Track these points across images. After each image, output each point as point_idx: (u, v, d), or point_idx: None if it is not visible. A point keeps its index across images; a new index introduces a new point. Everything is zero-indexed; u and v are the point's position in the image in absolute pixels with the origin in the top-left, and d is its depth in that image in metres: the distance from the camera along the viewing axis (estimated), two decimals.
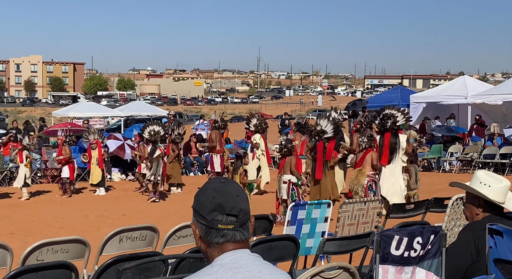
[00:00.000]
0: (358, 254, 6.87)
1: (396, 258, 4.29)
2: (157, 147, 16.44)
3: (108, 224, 12.94)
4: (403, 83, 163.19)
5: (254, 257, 2.35)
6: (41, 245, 5.71)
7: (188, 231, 6.66)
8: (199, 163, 22.31)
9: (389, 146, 12.85)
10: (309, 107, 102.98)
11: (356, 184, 12.17)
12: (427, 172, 21.42)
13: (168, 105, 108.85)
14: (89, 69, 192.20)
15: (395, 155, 12.85)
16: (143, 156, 16.58)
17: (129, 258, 4.79)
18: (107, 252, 6.29)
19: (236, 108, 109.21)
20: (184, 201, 15.77)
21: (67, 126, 24.48)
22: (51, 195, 17.55)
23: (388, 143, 12.85)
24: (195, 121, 54.60)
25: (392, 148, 12.85)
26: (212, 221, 2.32)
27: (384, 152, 12.81)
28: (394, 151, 12.85)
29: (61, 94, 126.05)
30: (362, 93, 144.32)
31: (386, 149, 12.85)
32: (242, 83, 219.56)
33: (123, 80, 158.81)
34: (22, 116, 78.59)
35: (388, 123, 12.93)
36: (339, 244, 6.14)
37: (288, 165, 12.35)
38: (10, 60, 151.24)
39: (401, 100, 28.74)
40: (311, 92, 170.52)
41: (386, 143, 12.86)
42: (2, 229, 12.79)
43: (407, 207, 8.43)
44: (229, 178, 2.50)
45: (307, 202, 7.54)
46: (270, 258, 5.42)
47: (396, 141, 12.89)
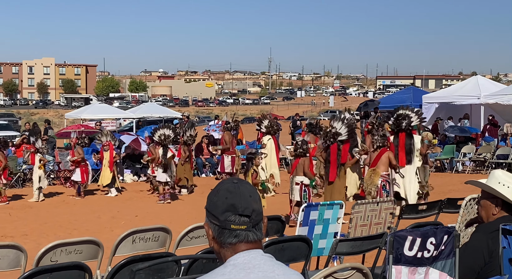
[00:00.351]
0: (371, 255, 6.86)
1: (410, 259, 4.27)
2: (168, 149, 16.47)
3: (121, 225, 12.98)
4: (415, 84, 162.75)
5: (267, 258, 2.35)
6: (55, 246, 5.74)
7: (201, 232, 6.67)
8: (210, 164, 22.34)
9: (405, 147, 12.81)
10: (321, 108, 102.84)
11: (370, 184, 12.14)
12: (440, 173, 21.33)
13: (179, 106, 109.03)
14: (101, 71, 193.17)
15: (412, 156, 12.81)
16: (155, 158, 16.60)
17: (143, 259, 4.81)
18: (120, 253, 6.31)
19: (248, 109, 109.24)
20: (196, 202, 15.79)
21: (80, 128, 24.60)
22: (64, 196, 17.64)
23: (404, 144, 12.80)
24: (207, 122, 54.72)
25: (408, 149, 12.81)
26: (225, 221, 2.33)
27: (400, 153, 12.77)
28: (410, 152, 12.82)
29: (74, 96, 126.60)
30: (374, 93, 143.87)
31: (402, 150, 12.81)
32: (253, 84, 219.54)
33: (135, 82, 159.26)
34: (35, 118, 78.98)
35: (403, 124, 12.89)
36: (352, 245, 6.13)
37: (301, 166, 12.33)
38: (23, 63, 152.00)
39: (413, 101, 28.61)
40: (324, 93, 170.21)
41: (402, 144, 12.81)
42: (16, 230, 12.86)
43: (420, 207, 8.41)
44: (242, 179, 2.50)
45: (320, 203, 7.53)
46: (283, 259, 5.42)
47: (411, 142, 12.85)
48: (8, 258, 5.79)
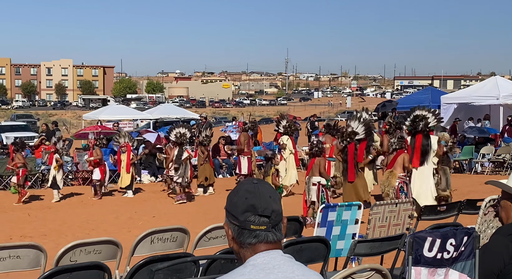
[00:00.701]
0: (390, 256, 6.83)
1: (429, 260, 4.25)
2: (184, 149, 16.50)
3: (139, 225, 13.02)
4: (434, 84, 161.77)
5: (287, 258, 2.35)
6: (75, 246, 5.77)
7: (219, 232, 6.67)
8: (228, 165, 22.36)
9: (421, 148, 12.73)
10: (338, 109, 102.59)
11: (387, 186, 12.10)
12: (459, 174, 21.19)
13: (196, 107, 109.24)
14: (119, 72, 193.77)
15: (426, 157, 12.73)
16: (170, 158, 16.63)
17: (161, 259, 4.82)
18: (139, 253, 6.33)
19: (264, 110, 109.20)
20: (213, 203, 15.82)
21: (98, 129, 24.72)
22: (82, 197, 17.73)
23: (420, 145, 12.73)
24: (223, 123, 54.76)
25: (424, 150, 12.74)
26: (244, 221, 2.33)
27: (416, 154, 12.70)
28: (426, 153, 12.74)
29: (91, 97, 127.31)
30: (392, 94, 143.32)
31: (418, 151, 12.73)
32: (270, 85, 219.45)
33: (152, 83, 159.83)
34: (53, 119, 79.41)
35: (420, 125, 12.81)
36: (370, 246, 6.11)
37: (317, 167, 12.31)
38: (41, 64, 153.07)
39: (431, 101, 28.46)
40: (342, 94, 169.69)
41: (418, 145, 12.74)
42: (35, 230, 12.95)
43: (439, 209, 8.36)
44: (261, 179, 2.50)
45: (338, 204, 7.51)
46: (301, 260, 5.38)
47: (428, 143, 12.77)
48: (28, 258, 5.83)
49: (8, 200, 16.72)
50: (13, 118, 56.27)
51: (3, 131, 33.04)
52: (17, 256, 5.73)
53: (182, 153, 16.33)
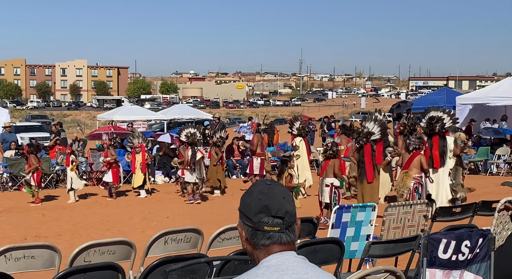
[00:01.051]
0: (404, 257, 6.80)
1: (444, 262, 4.23)
2: (197, 150, 16.49)
3: (152, 226, 13.04)
4: (449, 85, 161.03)
5: (300, 259, 2.34)
6: (89, 247, 5.79)
7: (232, 233, 6.67)
8: (241, 166, 22.36)
9: (439, 149, 12.68)
10: (352, 109, 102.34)
11: (402, 186, 12.05)
12: (474, 175, 21.08)
13: (210, 108, 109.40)
14: (133, 73, 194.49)
15: (444, 158, 12.68)
16: (184, 160, 16.61)
17: (175, 259, 4.82)
18: (153, 253, 6.34)
19: (278, 110, 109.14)
20: (227, 204, 15.83)
21: (110, 129, 24.80)
22: (96, 197, 17.80)
23: (438, 146, 12.67)
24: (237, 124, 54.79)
25: (442, 151, 12.68)
26: (258, 223, 2.32)
27: (435, 155, 12.64)
28: (444, 154, 12.68)
29: (106, 97, 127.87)
30: (407, 95, 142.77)
31: (436, 152, 12.68)
32: (284, 86, 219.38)
33: (166, 84, 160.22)
34: (67, 119, 79.91)
35: (437, 127, 12.75)
36: (385, 247, 6.08)
37: (331, 168, 12.29)
38: (56, 65, 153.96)
39: (446, 102, 28.28)
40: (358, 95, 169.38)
41: (436, 146, 12.68)
42: (49, 231, 13.01)
43: (454, 210, 8.31)
44: (275, 181, 2.50)
45: (352, 205, 7.48)
46: (315, 261, 5.37)
47: (444, 144, 12.71)
48: (42, 258, 5.85)
49: (23, 201, 16.81)
50: (28, 118, 56.65)
51: (18, 132, 33.22)
52: (31, 256, 5.76)
53: (195, 153, 16.33)
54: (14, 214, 15.28)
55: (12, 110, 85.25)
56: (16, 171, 18.95)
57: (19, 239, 11.83)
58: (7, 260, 5.63)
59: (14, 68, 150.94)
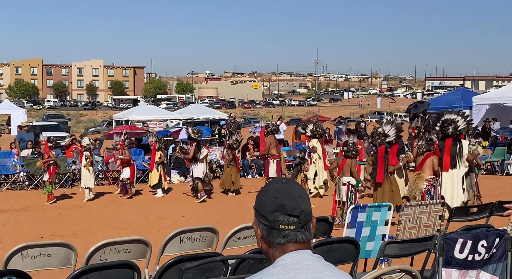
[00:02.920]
0: (420, 257, 6.76)
1: (460, 262, 4.20)
2: (202, 146, 16.62)
3: (168, 225, 13.08)
4: (465, 85, 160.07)
5: (316, 258, 2.33)
6: (104, 245, 5.82)
7: (248, 232, 6.67)
8: (257, 166, 22.37)
9: (450, 151, 12.57)
10: (368, 109, 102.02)
11: (414, 188, 11.99)
12: (491, 176, 20.95)
13: (226, 108, 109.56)
14: (149, 73, 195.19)
15: (456, 161, 12.56)
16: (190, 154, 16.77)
17: (191, 258, 4.83)
18: (168, 252, 6.36)
19: (294, 110, 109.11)
20: (243, 203, 15.84)
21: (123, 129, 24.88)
22: (112, 196, 17.88)
23: (449, 148, 12.56)
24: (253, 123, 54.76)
25: (454, 153, 12.58)
26: (273, 221, 2.32)
27: (445, 157, 12.54)
28: (455, 157, 12.57)
29: (122, 97, 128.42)
30: (423, 95, 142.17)
31: (447, 154, 12.58)
32: (300, 86, 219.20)
33: (182, 84, 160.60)
34: (83, 119, 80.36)
35: (450, 129, 12.67)
36: (400, 247, 6.06)
37: (348, 167, 12.27)
38: (73, 65, 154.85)
39: (463, 102, 28.20)
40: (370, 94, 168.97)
41: (447, 149, 12.58)
42: (66, 229, 13.08)
43: (470, 210, 8.27)
44: (290, 179, 2.49)
45: (367, 205, 7.46)
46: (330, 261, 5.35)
47: (457, 147, 12.61)
48: (59, 256, 5.89)
49: (40, 199, 16.92)
50: (45, 118, 57.05)
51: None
52: (48, 254, 5.79)
53: (200, 149, 16.51)
54: (31, 212, 15.38)
55: (29, 109, 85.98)
56: (32, 170, 19.07)
57: (36, 237, 11.92)
58: (23, 258, 5.66)
59: (31, 68, 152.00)
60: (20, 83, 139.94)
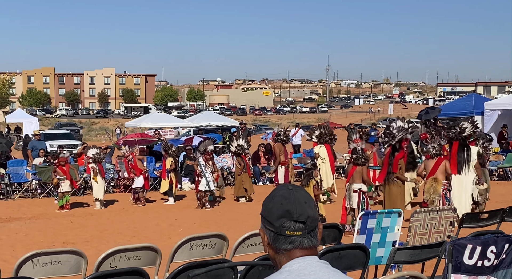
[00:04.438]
0: (430, 264, 6.74)
1: (469, 268, 4.19)
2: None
3: (179, 232, 13.09)
4: (477, 91, 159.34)
5: (323, 264, 2.33)
6: (115, 252, 5.83)
7: (257, 239, 6.67)
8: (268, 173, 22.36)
9: (456, 156, 12.56)
10: (380, 116, 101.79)
11: (433, 193, 11.93)
12: (503, 181, 20.83)
13: (237, 115, 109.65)
14: (160, 81, 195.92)
15: (463, 165, 12.53)
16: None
17: (199, 265, 4.84)
18: (178, 259, 6.37)
19: (305, 117, 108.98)
20: (253, 210, 15.82)
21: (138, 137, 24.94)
22: (123, 204, 17.91)
23: (455, 153, 12.56)
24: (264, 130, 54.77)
25: (460, 159, 12.55)
26: (280, 227, 2.32)
27: (452, 161, 12.52)
28: (461, 162, 12.54)
29: (133, 105, 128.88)
30: (435, 101, 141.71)
31: (454, 158, 12.57)
32: (311, 92, 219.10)
33: (193, 91, 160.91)
34: (95, 127, 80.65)
35: (454, 133, 12.65)
36: (411, 253, 6.04)
37: (359, 174, 12.23)
38: (85, 73, 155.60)
39: (475, 108, 28.03)
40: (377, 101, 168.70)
41: (453, 153, 12.58)
42: (77, 237, 13.13)
43: (481, 216, 8.23)
44: (296, 185, 2.50)
45: (377, 211, 7.45)
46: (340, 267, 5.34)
47: (464, 153, 12.57)
48: (69, 263, 5.91)
49: (52, 207, 17.00)
50: (57, 126, 57.25)
51: (47, 139, 33.62)
52: (58, 262, 5.82)
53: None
54: (43, 220, 15.45)
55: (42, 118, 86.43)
56: (45, 178, 19.15)
57: (48, 245, 11.96)
58: (34, 265, 5.69)
59: (44, 76, 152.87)
60: (32, 92, 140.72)
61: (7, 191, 19.17)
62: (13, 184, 19.75)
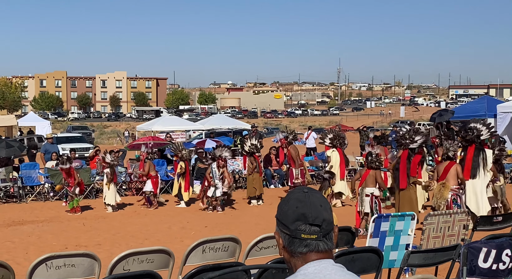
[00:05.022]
0: (444, 267, 6.71)
1: (484, 271, 4.17)
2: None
3: (191, 235, 13.09)
4: (490, 93, 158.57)
5: (338, 268, 2.32)
6: (128, 255, 5.84)
7: (270, 242, 6.67)
8: (279, 176, 22.32)
9: (472, 161, 12.44)
10: (392, 118, 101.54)
11: (440, 198, 11.83)
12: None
13: (248, 118, 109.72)
14: (171, 84, 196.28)
15: (478, 170, 12.41)
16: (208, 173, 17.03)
17: (213, 268, 4.83)
18: (191, 262, 6.37)
19: (317, 120, 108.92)
20: (265, 213, 15.81)
21: (150, 140, 24.99)
22: (135, 207, 17.95)
23: (471, 157, 12.44)
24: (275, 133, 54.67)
25: (475, 163, 12.43)
26: (295, 230, 2.32)
27: (466, 166, 12.40)
28: (477, 167, 12.42)
29: (145, 108, 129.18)
30: (447, 103, 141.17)
31: (469, 163, 12.45)
32: (322, 95, 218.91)
33: (204, 94, 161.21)
34: (107, 130, 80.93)
35: (470, 136, 12.55)
36: (424, 256, 6.01)
37: (372, 178, 12.18)
38: (96, 77, 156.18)
39: (487, 110, 27.88)
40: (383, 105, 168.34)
41: (469, 157, 12.46)
42: (90, 240, 13.16)
43: (495, 219, 8.18)
44: (312, 188, 2.49)
45: (390, 214, 7.41)
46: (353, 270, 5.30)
47: (480, 156, 12.47)
48: (82, 266, 5.92)
49: (64, 210, 17.05)
50: (69, 129, 57.50)
51: (60, 143, 33.76)
52: (72, 265, 5.83)
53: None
54: (55, 223, 15.50)
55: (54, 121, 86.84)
56: (57, 181, 19.21)
57: (60, 248, 12.00)
58: (48, 268, 5.71)
59: (56, 80, 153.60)
60: (44, 95, 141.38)
61: (19, 194, 19.27)
62: (25, 187, 19.84)
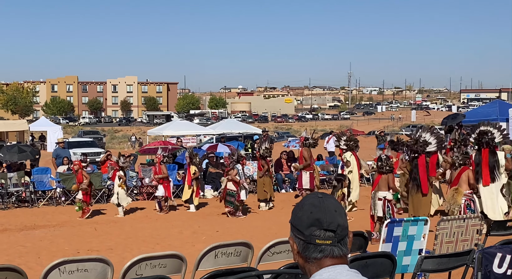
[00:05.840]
0: (458, 272, 6.67)
1: (499, 276, 4.13)
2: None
3: (202, 240, 13.10)
4: (501, 97, 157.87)
5: (353, 273, 2.31)
6: (140, 260, 5.84)
7: (282, 247, 6.64)
8: (290, 180, 22.31)
9: (488, 164, 12.38)
10: (403, 123, 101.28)
11: (453, 203, 11.79)
12: None
13: (259, 122, 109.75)
14: (182, 89, 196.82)
15: (495, 173, 12.36)
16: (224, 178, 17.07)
17: (226, 273, 4.83)
18: (203, 267, 6.36)
19: (327, 124, 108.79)
20: (276, 218, 15.79)
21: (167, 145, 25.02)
22: (147, 211, 17.97)
23: (487, 161, 12.37)
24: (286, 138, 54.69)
25: (492, 166, 12.37)
26: (310, 236, 2.31)
27: (484, 170, 12.32)
28: (494, 169, 12.37)
29: (155, 113, 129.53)
30: (458, 107, 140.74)
31: (486, 167, 12.37)
32: (333, 100, 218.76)
33: (215, 99, 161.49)
34: (118, 135, 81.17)
35: (485, 139, 12.48)
36: (438, 262, 5.98)
37: (385, 181, 12.14)
38: (107, 81, 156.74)
39: (499, 114, 27.73)
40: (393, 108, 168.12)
41: (485, 161, 12.38)
42: (102, 244, 13.19)
43: (508, 224, 8.13)
44: (326, 193, 2.48)
45: (403, 219, 7.37)
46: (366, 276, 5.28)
47: (495, 159, 12.41)
48: (95, 271, 5.92)
49: (76, 215, 17.10)
50: (80, 134, 57.78)
51: (71, 147, 33.88)
52: (85, 269, 5.83)
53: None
54: (67, 228, 15.55)
55: (65, 126, 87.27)
56: (69, 186, 19.28)
57: (72, 252, 12.03)
58: (61, 273, 5.71)
59: (67, 85, 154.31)
60: (56, 100, 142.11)
61: (31, 198, 19.35)
62: (37, 192, 19.93)
